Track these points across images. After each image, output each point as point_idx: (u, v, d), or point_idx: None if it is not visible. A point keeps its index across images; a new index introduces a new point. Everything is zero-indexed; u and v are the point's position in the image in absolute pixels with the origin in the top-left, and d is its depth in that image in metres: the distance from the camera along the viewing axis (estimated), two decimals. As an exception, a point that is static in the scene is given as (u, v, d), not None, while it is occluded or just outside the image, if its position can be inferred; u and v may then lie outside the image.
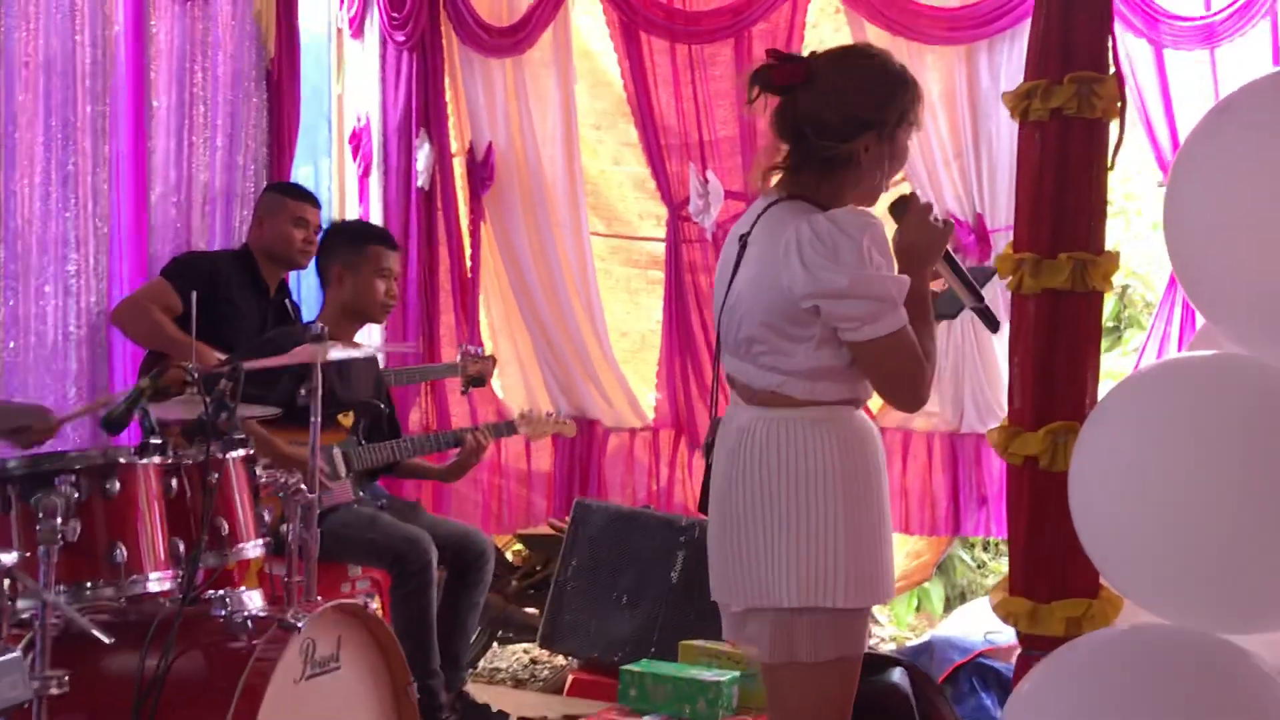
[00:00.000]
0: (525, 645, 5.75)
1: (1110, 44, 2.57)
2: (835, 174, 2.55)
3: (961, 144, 5.39)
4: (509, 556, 5.86)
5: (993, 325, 2.73)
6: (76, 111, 4.31)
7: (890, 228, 2.56)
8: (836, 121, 2.52)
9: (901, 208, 2.60)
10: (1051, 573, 2.49)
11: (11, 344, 4.12)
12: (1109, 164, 2.55)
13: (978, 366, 5.35)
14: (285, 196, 4.72)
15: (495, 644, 5.72)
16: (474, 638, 4.76)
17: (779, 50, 2.67)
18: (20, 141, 4.13)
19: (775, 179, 2.64)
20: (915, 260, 2.54)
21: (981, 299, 2.68)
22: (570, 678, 4.84)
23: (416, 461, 4.63)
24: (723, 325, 2.66)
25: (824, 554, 2.47)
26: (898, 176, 5.44)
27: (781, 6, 5.44)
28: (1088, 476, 2.28)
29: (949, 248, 2.62)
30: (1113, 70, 2.53)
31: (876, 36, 5.38)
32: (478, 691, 4.45)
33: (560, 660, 5.35)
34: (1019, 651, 2.60)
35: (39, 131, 4.19)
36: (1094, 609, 2.51)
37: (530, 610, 5.72)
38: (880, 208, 2.65)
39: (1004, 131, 5.28)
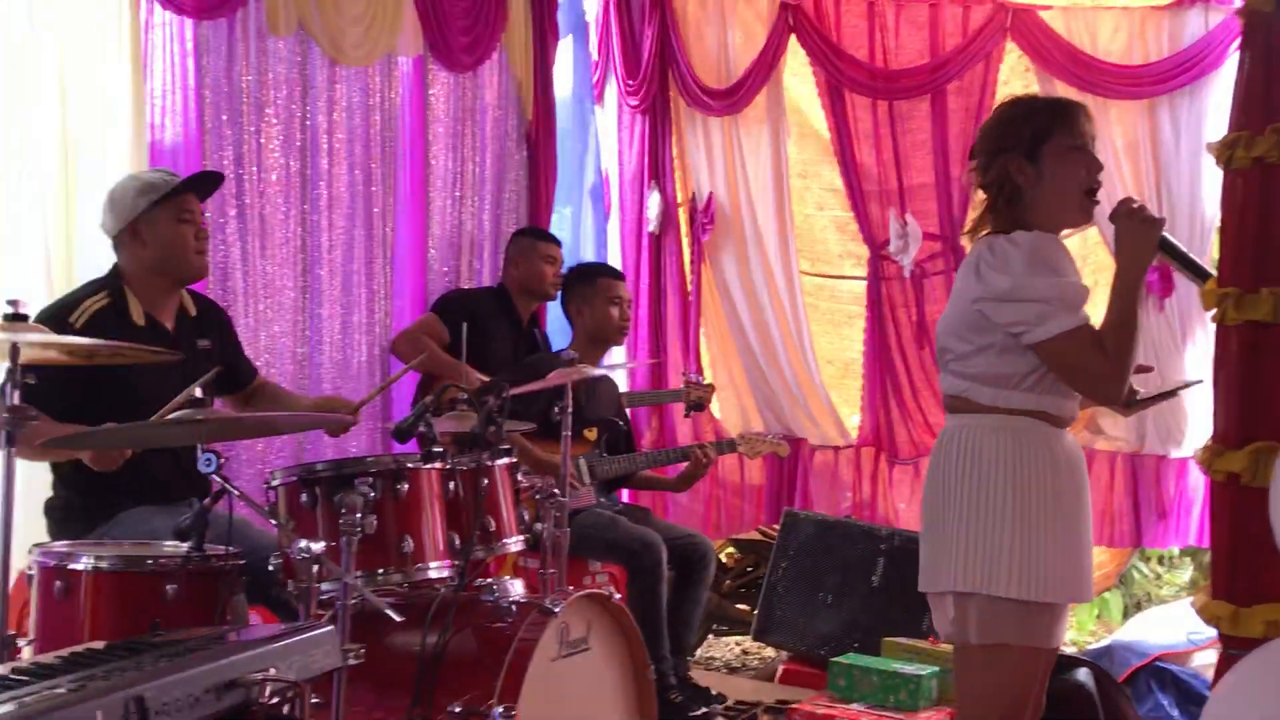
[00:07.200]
0: (737, 637, 5.74)
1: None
2: (1002, 203, 2.60)
3: (1145, 192, 5.23)
4: (722, 558, 5.87)
5: None
6: (370, 172, 4.49)
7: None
8: (980, 159, 2.65)
9: (1116, 213, 2.57)
10: (1251, 579, 2.39)
11: (319, 374, 4.33)
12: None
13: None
14: (535, 240, 4.84)
15: (711, 635, 5.73)
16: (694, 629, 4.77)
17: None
18: (324, 200, 4.32)
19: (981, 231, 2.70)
20: (1130, 256, 2.51)
21: (1209, 277, 2.61)
22: (781, 668, 4.82)
23: (648, 474, 4.69)
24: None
25: (992, 546, 2.46)
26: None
27: (975, 65, 5.39)
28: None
29: (1171, 239, 2.57)
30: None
31: (1064, 92, 5.26)
32: (697, 677, 4.46)
33: (769, 652, 5.32)
34: (1220, 651, 2.49)
35: (342, 190, 4.38)
36: (1291, 612, 2.40)
37: (741, 606, 5.72)
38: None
39: (1184, 180, 5.14)
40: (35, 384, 2.37)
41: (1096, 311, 2.51)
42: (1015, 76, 5.47)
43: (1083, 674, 4.03)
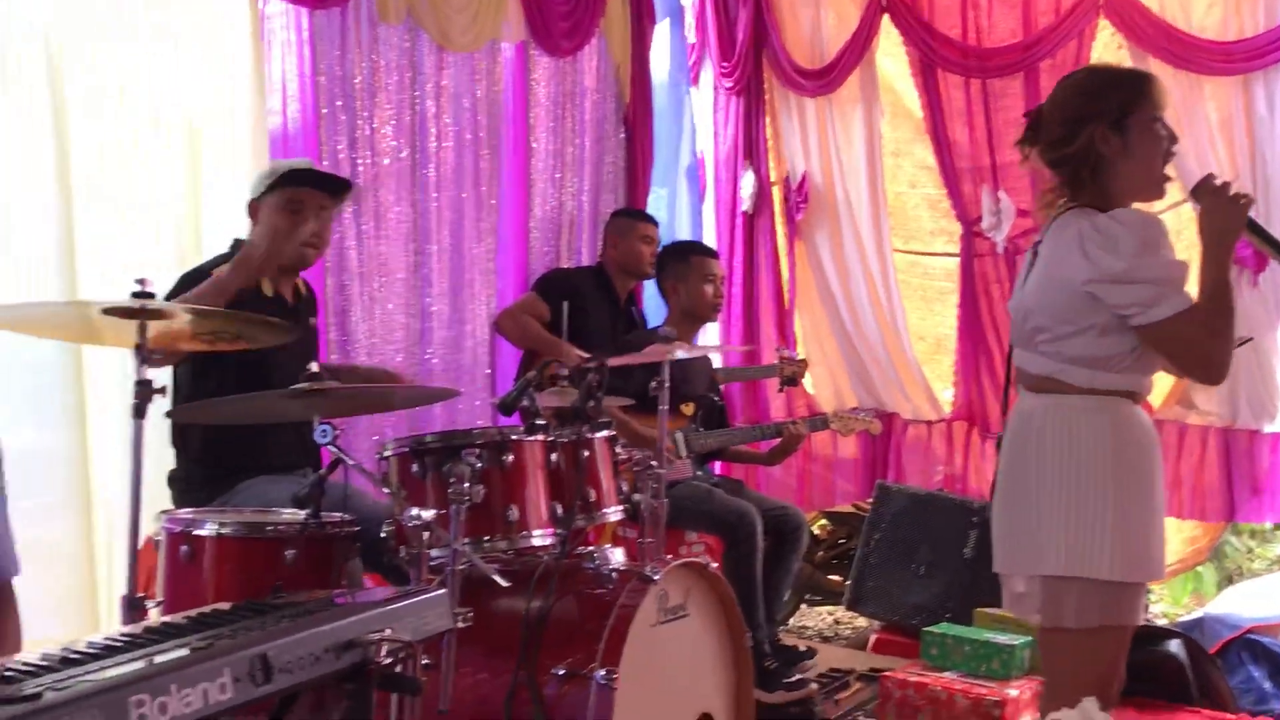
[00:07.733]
0: (829, 607, 5.71)
1: None
2: (1087, 175, 2.48)
3: (1239, 168, 5.06)
4: (815, 530, 5.83)
5: None
6: (476, 155, 4.52)
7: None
8: (1058, 129, 2.51)
9: (1200, 189, 2.47)
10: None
11: (429, 350, 4.39)
12: None
13: (1253, 367, 5.02)
14: (634, 220, 4.83)
15: (804, 605, 5.71)
16: (786, 598, 4.75)
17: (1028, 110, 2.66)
18: (432, 183, 4.36)
19: (1058, 205, 2.58)
20: (1216, 233, 2.42)
21: None
22: (874, 637, 4.79)
23: (741, 448, 4.67)
24: (1013, 323, 2.63)
25: (1092, 529, 2.39)
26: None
27: (1068, 43, 5.24)
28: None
29: (1256, 219, 2.47)
30: None
31: (1157, 69, 5.10)
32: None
33: (862, 622, 5.29)
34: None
35: (449, 173, 4.42)
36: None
37: (833, 578, 5.69)
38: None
39: (1278, 154, 4.95)
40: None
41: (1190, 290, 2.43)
42: (1109, 54, 5.30)
43: (1174, 645, 3.95)
